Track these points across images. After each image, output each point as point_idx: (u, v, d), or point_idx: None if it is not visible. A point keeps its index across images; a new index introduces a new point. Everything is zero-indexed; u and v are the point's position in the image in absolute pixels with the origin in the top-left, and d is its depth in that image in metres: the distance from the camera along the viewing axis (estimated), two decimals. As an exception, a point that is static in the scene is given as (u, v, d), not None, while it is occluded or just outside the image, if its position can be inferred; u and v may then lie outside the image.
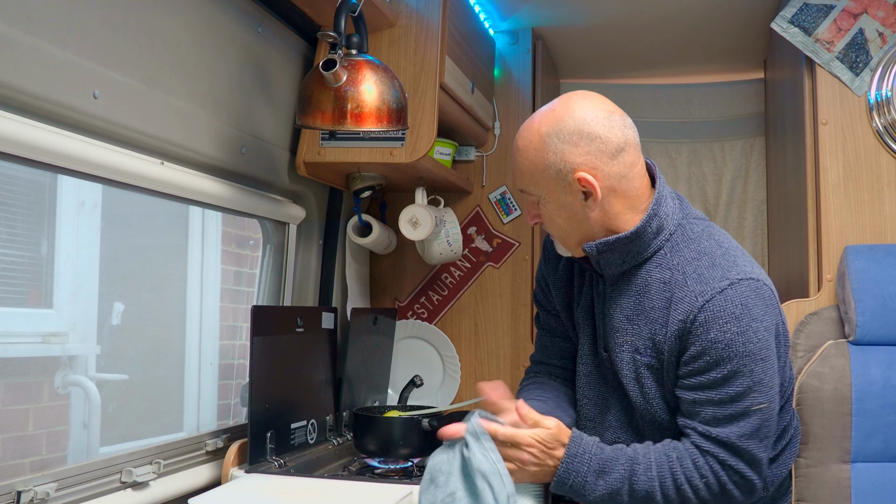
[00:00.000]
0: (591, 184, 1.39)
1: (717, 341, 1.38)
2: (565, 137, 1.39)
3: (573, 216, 1.45)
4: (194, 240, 3.12)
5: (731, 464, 1.41)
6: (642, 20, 2.50)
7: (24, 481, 1.31)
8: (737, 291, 1.38)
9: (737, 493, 1.43)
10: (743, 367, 1.38)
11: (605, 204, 1.42)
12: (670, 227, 1.46)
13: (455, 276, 2.55)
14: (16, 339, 2.36)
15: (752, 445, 1.42)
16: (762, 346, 1.40)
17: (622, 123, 1.42)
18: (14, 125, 1.24)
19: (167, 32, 1.53)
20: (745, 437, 1.41)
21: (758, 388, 1.40)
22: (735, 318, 1.38)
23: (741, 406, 1.40)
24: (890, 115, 2.00)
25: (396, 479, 1.73)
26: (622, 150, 1.41)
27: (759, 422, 1.42)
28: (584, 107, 1.41)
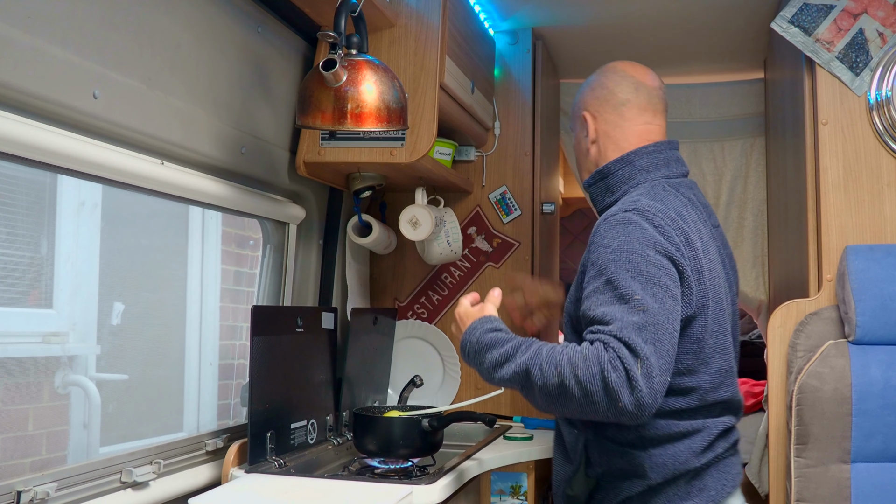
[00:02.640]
0: (588, 121, 1.70)
1: (607, 246, 1.46)
2: (589, 84, 1.74)
3: (580, 150, 1.74)
4: (194, 240, 3.12)
5: (614, 347, 1.35)
6: (642, 20, 2.50)
7: (24, 481, 1.31)
8: (637, 214, 1.49)
9: (615, 380, 1.32)
10: (625, 272, 1.41)
11: (601, 144, 1.69)
12: (640, 179, 1.63)
13: (455, 276, 2.55)
14: (16, 339, 2.36)
15: (635, 339, 1.34)
16: (648, 260, 1.43)
17: (634, 87, 1.70)
18: (14, 125, 1.24)
19: (167, 32, 1.53)
20: (626, 330, 1.35)
21: (639, 294, 1.39)
22: (625, 231, 1.46)
23: (624, 306, 1.38)
24: (890, 115, 2.00)
25: (396, 479, 1.72)
26: (623, 105, 1.68)
27: (643, 322, 1.36)
28: (612, 66, 1.74)
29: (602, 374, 1.32)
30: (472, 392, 2.46)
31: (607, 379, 1.32)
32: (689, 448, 1.52)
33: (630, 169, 1.64)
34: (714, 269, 1.55)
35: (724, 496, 1.54)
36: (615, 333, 1.35)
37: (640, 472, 1.51)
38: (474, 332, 1.53)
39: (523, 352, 1.43)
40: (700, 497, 1.52)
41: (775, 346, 2.01)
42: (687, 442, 1.52)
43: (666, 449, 1.51)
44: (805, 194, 2.08)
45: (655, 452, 1.51)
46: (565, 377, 1.35)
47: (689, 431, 1.52)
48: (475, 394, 2.32)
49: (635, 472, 1.52)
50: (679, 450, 1.51)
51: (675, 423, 1.51)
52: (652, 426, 1.50)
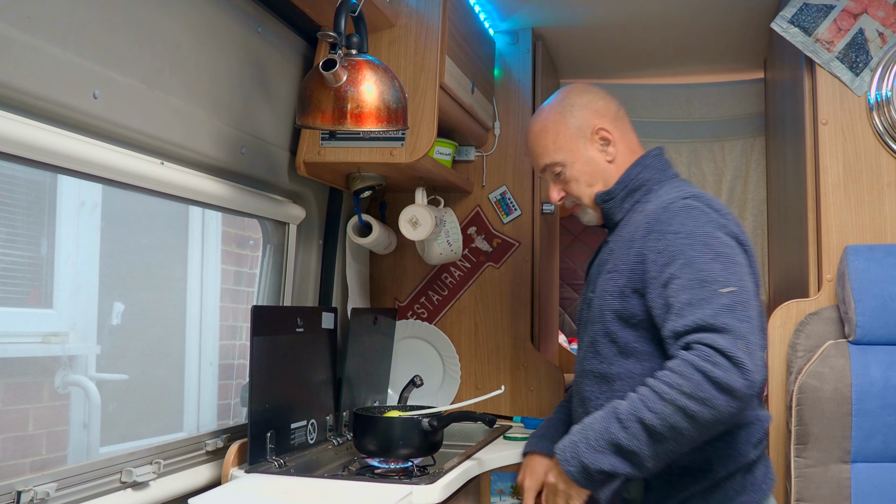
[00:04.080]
0: (607, 131, 1.70)
1: (678, 231, 1.48)
2: (578, 104, 1.73)
3: (596, 168, 1.71)
4: (194, 240, 3.12)
5: (706, 342, 1.35)
6: (642, 20, 2.50)
7: (24, 481, 1.31)
8: (696, 200, 1.54)
9: (720, 374, 1.32)
10: (703, 254, 1.43)
11: (619, 153, 1.71)
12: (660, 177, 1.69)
13: (455, 276, 2.55)
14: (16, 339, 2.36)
15: (727, 320, 1.36)
16: (721, 241, 1.46)
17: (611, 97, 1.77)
18: (14, 125, 1.24)
19: (167, 32, 1.53)
20: (719, 315, 1.36)
21: (722, 275, 1.41)
22: (693, 215, 1.50)
23: (709, 289, 1.40)
24: (890, 115, 2.00)
25: (396, 479, 1.72)
26: (619, 111, 1.76)
27: (732, 302, 1.38)
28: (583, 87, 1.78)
29: (706, 376, 1.32)
30: (472, 392, 2.47)
31: (713, 377, 1.32)
32: (747, 440, 1.52)
33: (648, 171, 1.69)
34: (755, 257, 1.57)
35: (769, 492, 1.56)
36: (706, 321, 1.36)
37: (706, 466, 1.49)
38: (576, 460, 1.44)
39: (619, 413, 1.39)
40: (752, 492, 1.52)
41: (775, 346, 2.01)
42: (744, 434, 1.52)
43: (727, 441, 1.50)
44: (805, 194, 2.08)
45: (720, 445, 1.49)
46: (676, 401, 1.34)
47: (746, 422, 1.52)
48: (475, 394, 2.32)
49: (700, 467, 1.50)
50: (740, 441, 1.51)
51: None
52: None
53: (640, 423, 1.37)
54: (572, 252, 5.12)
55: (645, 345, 1.53)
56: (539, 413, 2.44)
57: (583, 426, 1.47)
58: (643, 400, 1.38)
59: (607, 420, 1.42)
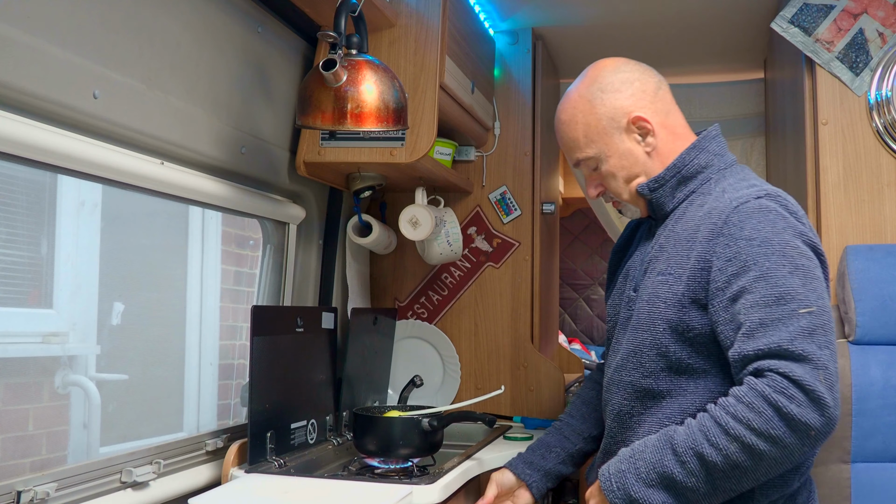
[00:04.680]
0: (645, 120, 1.48)
1: (751, 238, 1.31)
2: (608, 88, 1.50)
3: (635, 162, 1.50)
4: (194, 240, 3.12)
5: (782, 370, 1.19)
6: (642, 20, 2.50)
7: (24, 481, 1.31)
8: (771, 199, 1.36)
9: (795, 410, 1.17)
10: (781, 266, 1.27)
11: (660, 141, 1.50)
12: (719, 164, 1.49)
13: (455, 276, 2.55)
14: (16, 339, 2.36)
15: (807, 346, 1.20)
16: (800, 252, 1.30)
17: (650, 68, 1.55)
18: (14, 125, 1.24)
19: (167, 32, 1.53)
20: (797, 340, 1.21)
21: (801, 292, 1.25)
22: (769, 219, 1.32)
23: (786, 308, 1.23)
24: (890, 115, 2.00)
25: (396, 479, 1.72)
26: (659, 88, 1.53)
27: (811, 325, 1.22)
28: (613, 63, 1.55)
29: (780, 411, 1.19)
30: (472, 392, 2.46)
31: (788, 412, 1.18)
32: (794, 468, 1.38)
33: (706, 155, 1.49)
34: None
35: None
36: (783, 346, 1.21)
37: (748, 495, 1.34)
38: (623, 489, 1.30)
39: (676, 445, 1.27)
40: None
41: (775, 346, 2.00)
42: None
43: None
44: (805, 194, 2.08)
45: None
46: (743, 437, 1.21)
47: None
48: (475, 394, 2.32)
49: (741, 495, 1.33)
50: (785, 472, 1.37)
51: None
52: None
53: (699, 459, 1.24)
54: (572, 252, 5.12)
55: (702, 362, 1.38)
56: (539, 413, 2.44)
57: (633, 453, 1.33)
58: (704, 432, 1.24)
59: (662, 451, 1.29)
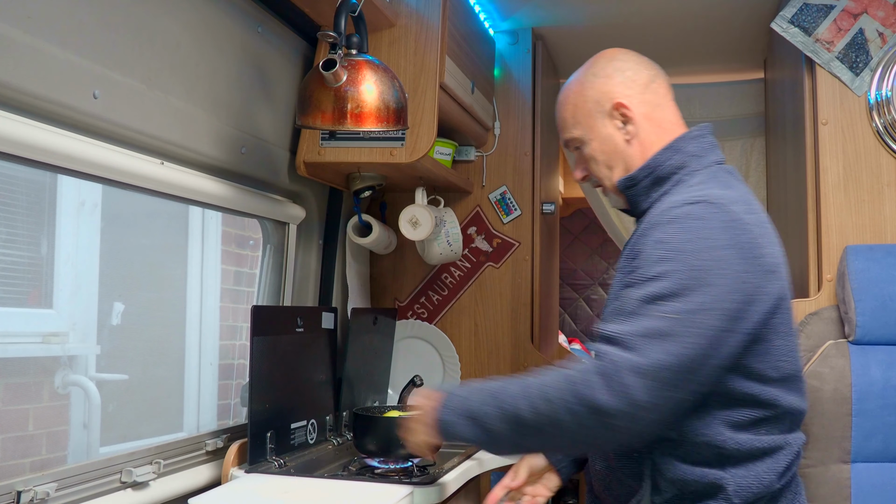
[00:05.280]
0: (627, 107, 1.49)
1: (663, 241, 1.32)
2: (600, 73, 1.53)
3: (615, 150, 1.51)
4: (194, 240, 3.12)
5: (608, 356, 1.24)
6: (642, 20, 2.50)
7: (24, 481, 1.31)
8: (705, 207, 1.33)
9: (598, 394, 1.22)
10: (674, 273, 1.27)
11: (642, 132, 1.49)
12: (695, 166, 1.47)
13: (455, 276, 2.55)
14: (16, 339, 2.36)
15: (643, 344, 1.23)
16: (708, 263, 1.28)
17: (649, 62, 1.56)
18: (14, 125, 1.24)
19: (167, 32, 1.53)
20: (637, 337, 1.24)
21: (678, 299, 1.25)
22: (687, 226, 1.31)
23: (651, 308, 1.26)
24: (890, 115, 2.00)
25: (396, 479, 1.72)
26: (653, 81, 1.53)
27: (663, 329, 1.23)
28: (614, 52, 1.57)
29: (590, 390, 1.23)
30: (472, 392, 2.46)
31: (590, 395, 1.23)
32: (773, 469, 1.37)
33: (681, 156, 1.47)
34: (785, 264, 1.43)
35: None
36: (622, 337, 1.25)
37: (721, 495, 1.35)
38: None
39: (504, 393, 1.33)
40: None
41: (775, 346, 2.00)
42: (770, 461, 1.37)
43: (749, 469, 1.36)
44: (805, 194, 2.08)
45: (739, 473, 1.35)
46: (555, 404, 1.26)
47: (772, 448, 1.37)
48: (475, 394, 2.31)
49: (713, 495, 1.35)
50: (762, 470, 1.36)
51: (756, 437, 1.36)
52: (733, 441, 1.34)
53: (514, 411, 1.30)
54: (572, 252, 5.12)
55: None
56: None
57: (475, 387, 1.39)
58: (529, 389, 1.31)
59: (492, 393, 1.35)
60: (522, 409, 1.30)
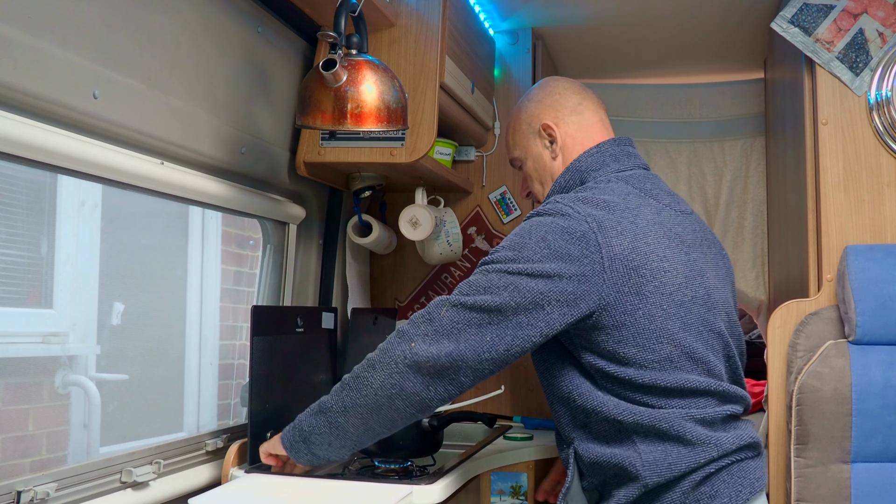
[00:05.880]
0: (552, 128, 1.66)
1: (500, 245, 1.49)
2: (533, 99, 1.72)
3: (543, 166, 1.68)
4: (194, 240, 3.12)
5: (407, 321, 1.49)
6: (642, 20, 2.50)
7: (24, 481, 1.31)
8: (544, 216, 1.47)
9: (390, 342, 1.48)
10: (482, 277, 1.45)
11: (566, 151, 1.66)
12: (594, 178, 1.59)
13: (455, 276, 2.55)
14: (16, 339, 2.36)
15: (410, 329, 1.46)
16: (525, 244, 1.43)
17: (580, 89, 1.71)
18: (14, 125, 1.24)
19: (167, 33, 1.53)
20: (415, 321, 1.46)
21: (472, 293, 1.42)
22: (520, 232, 1.47)
23: (469, 284, 1.45)
24: (890, 115, 2.00)
25: (396, 479, 1.72)
26: (580, 105, 1.68)
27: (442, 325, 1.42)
28: (547, 80, 1.75)
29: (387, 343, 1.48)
30: (472, 392, 2.46)
31: (385, 345, 1.49)
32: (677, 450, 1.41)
33: (578, 174, 1.62)
34: (662, 255, 1.45)
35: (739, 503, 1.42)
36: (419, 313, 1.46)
37: (633, 474, 1.41)
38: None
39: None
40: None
41: (775, 346, 2.01)
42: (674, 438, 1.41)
43: (655, 445, 1.41)
44: (805, 194, 2.08)
45: (644, 449, 1.41)
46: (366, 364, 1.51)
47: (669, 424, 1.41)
48: (475, 394, 2.32)
49: (628, 475, 1.41)
50: (669, 449, 1.41)
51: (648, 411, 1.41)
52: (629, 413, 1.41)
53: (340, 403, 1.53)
54: (572, 252, 5.11)
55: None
56: (539, 413, 2.44)
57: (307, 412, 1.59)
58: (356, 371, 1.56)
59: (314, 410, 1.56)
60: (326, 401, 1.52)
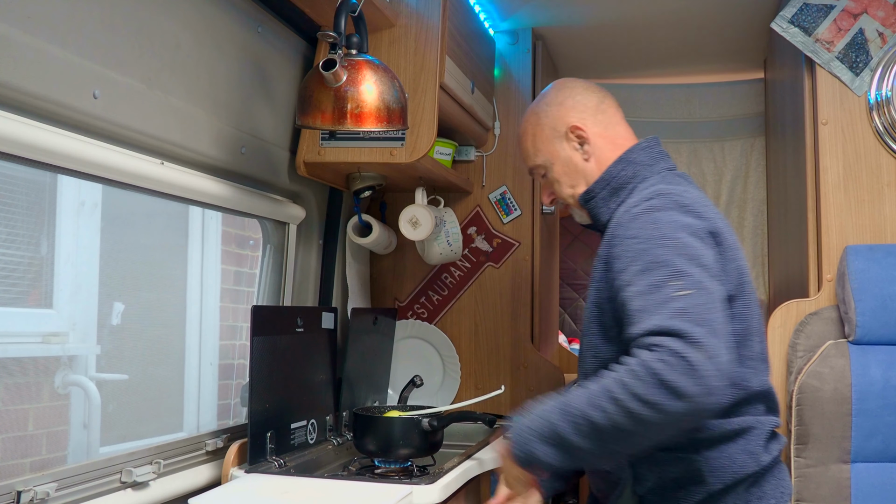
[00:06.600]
0: (582, 129, 1.63)
1: (634, 237, 1.42)
2: (553, 102, 1.68)
3: (574, 169, 1.65)
4: (194, 240, 3.12)
5: (662, 343, 1.27)
6: (642, 20, 2.50)
7: (24, 481, 1.31)
8: (652, 201, 1.47)
9: (672, 377, 1.24)
10: (659, 257, 1.37)
11: (597, 150, 1.63)
12: (645, 173, 1.59)
13: (455, 276, 2.55)
14: (16, 339, 2.36)
15: (681, 325, 1.28)
16: (682, 244, 1.38)
17: (595, 86, 1.70)
18: (14, 125, 1.23)
19: (167, 32, 1.53)
20: (673, 320, 1.29)
21: (680, 277, 1.34)
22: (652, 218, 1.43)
23: (662, 294, 1.33)
24: (890, 115, 2.00)
25: (396, 479, 1.72)
26: (602, 102, 1.67)
27: (687, 305, 1.30)
28: (561, 81, 1.73)
29: (657, 378, 1.24)
30: (472, 392, 2.46)
31: (664, 379, 1.24)
32: (745, 449, 1.44)
33: (632, 167, 1.60)
34: (740, 252, 1.51)
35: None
36: (660, 326, 1.28)
37: (698, 479, 1.43)
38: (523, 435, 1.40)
39: (569, 407, 1.34)
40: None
41: (775, 346, 2.01)
42: (741, 442, 1.44)
43: (721, 451, 1.43)
44: (805, 194, 2.08)
45: (712, 455, 1.43)
46: (625, 402, 1.26)
47: (741, 430, 1.44)
48: (475, 394, 2.32)
49: (692, 480, 1.43)
50: (734, 451, 1.44)
51: (724, 420, 1.43)
52: (704, 425, 1.42)
53: (587, 421, 1.31)
54: (572, 252, 5.12)
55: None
56: (539, 413, 2.44)
57: (537, 411, 1.42)
58: (593, 396, 1.32)
59: (559, 412, 1.37)
60: (593, 416, 1.30)
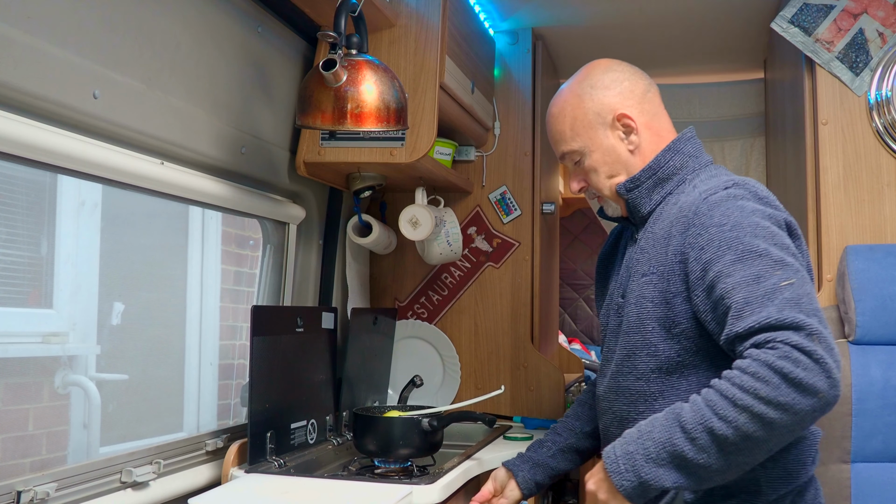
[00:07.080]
0: (630, 118, 1.53)
1: (721, 224, 1.34)
2: (598, 85, 1.56)
3: (617, 159, 1.55)
4: (194, 240, 3.12)
5: (780, 339, 1.18)
6: (642, 20, 2.50)
7: (24, 481, 1.31)
8: (739, 188, 1.40)
9: (802, 374, 1.15)
10: (755, 246, 1.29)
11: (643, 141, 1.55)
12: (694, 165, 1.54)
13: (455, 276, 2.55)
14: (16, 339, 2.36)
15: (796, 315, 1.19)
16: (771, 231, 1.32)
17: (642, 72, 1.60)
18: (14, 125, 1.24)
19: (167, 32, 1.53)
20: (785, 311, 1.20)
21: (780, 266, 1.26)
22: (737, 205, 1.35)
23: (767, 284, 1.24)
24: (890, 115, 2.00)
25: (396, 479, 1.72)
26: (648, 91, 1.58)
27: (795, 296, 1.22)
28: (606, 62, 1.61)
29: (788, 377, 1.16)
30: (472, 392, 2.46)
31: (796, 378, 1.16)
32: (798, 458, 1.39)
33: (680, 157, 1.53)
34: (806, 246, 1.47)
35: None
36: (773, 319, 1.20)
37: (754, 488, 1.36)
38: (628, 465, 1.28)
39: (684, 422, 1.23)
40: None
41: (775, 346, 2.00)
42: (795, 452, 1.39)
43: (777, 461, 1.36)
44: (805, 194, 2.08)
45: (769, 465, 1.35)
46: (752, 406, 1.17)
47: (797, 439, 1.38)
48: (475, 394, 2.32)
49: (745, 489, 1.36)
50: (791, 460, 1.38)
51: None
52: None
53: (710, 433, 1.20)
54: (572, 252, 5.12)
55: (691, 358, 1.39)
56: (539, 413, 2.44)
57: (640, 434, 1.29)
58: (712, 406, 1.21)
59: (670, 429, 1.24)
60: (716, 427, 1.20)
